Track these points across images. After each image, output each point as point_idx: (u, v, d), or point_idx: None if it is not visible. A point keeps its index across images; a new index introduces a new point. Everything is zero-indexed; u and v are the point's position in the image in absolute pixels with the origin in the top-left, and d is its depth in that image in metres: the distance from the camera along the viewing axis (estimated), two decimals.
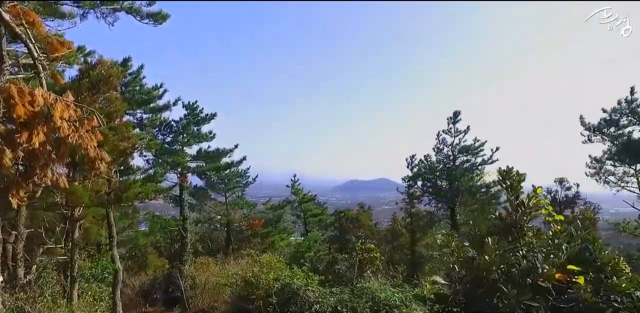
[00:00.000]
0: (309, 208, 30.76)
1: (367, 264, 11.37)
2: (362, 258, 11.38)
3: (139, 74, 15.03)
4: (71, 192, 8.96)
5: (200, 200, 28.79)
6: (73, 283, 10.40)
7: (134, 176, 12.88)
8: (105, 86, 10.88)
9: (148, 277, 22.43)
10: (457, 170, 19.76)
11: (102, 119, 6.83)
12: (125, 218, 21.54)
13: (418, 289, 9.48)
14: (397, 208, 26.26)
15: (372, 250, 11.57)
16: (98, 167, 6.52)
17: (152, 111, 15.44)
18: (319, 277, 10.25)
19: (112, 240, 14.85)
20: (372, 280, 9.88)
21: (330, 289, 9.75)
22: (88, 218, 11.14)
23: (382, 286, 9.63)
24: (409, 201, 24.88)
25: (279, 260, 11.69)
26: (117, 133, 10.98)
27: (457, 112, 20.14)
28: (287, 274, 10.36)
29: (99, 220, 16.76)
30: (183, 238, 22.06)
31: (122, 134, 11.06)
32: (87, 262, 13.11)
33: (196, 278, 19.10)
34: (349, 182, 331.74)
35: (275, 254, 17.82)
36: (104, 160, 6.58)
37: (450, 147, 20.65)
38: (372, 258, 11.36)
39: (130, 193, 10.23)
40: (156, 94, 14.80)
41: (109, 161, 6.75)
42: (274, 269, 10.82)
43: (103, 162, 6.61)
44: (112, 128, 10.73)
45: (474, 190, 19.67)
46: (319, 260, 15.11)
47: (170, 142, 21.87)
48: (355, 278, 10.80)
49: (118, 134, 10.95)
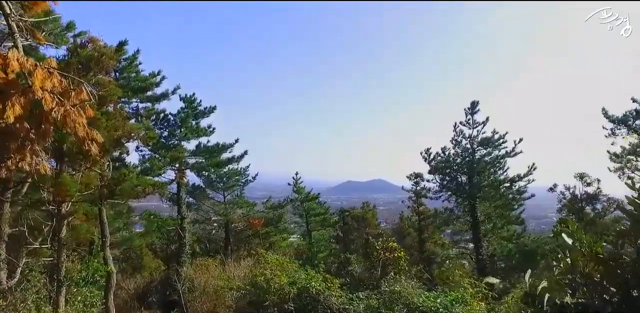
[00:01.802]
0: (311, 207, 29.63)
1: (390, 265, 10.29)
2: (385, 258, 10.27)
3: (134, 59, 13.82)
4: (57, 184, 7.78)
5: (198, 199, 27.69)
6: (60, 288, 9.22)
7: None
8: (96, 67, 9.71)
9: (144, 279, 21.36)
10: (479, 163, 18.60)
11: (94, 93, 5.67)
12: (119, 218, 20.32)
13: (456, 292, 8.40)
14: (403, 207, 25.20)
15: (395, 250, 10.46)
16: (89, 149, 5.36)
17: (149, 100, 14.25)
18: (340, 280, 9.14)
19: (105, 240, 13.64)
20: (402, 283, 8.77)
21: (355, 294, 8.63)
22: (78, 216, 9.94)
23: (415, 289, 8.54)
24: (416, 199, 23.87)
25: (291, 261, 10.56)
26: (110, 119, 9.80)
27: (476, 102, 19.02)
28: (302, 277, 9.23)
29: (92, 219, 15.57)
30: (181, 239, 20.85)
31: (116, 120, 9.89)
32: (77, 264, 11.88)
33: (195, 281, 17.96)
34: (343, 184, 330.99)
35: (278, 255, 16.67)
36: (96, 141, 5.43)
37: (469, 139, 19.51)
38: (396, 258, 10.26)
39: (125, 186, 9.06)
40: (153, 82, 13.63)
41: (101, 143, 5.59)
42: (286, 271, 9.68)
43: (94, 143, 5.46)
44: (105, 113, 9.56)
45: (497, 184, 18.53)
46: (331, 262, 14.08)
47: (167, 136, 20.67)
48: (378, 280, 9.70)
49: (111, 120, 9.78)
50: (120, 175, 9.53)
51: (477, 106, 19.22)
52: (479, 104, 19.15)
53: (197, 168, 20.98)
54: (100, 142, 5.43)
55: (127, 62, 13.48)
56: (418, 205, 22.92)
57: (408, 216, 27.53)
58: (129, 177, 9.22)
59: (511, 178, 18.65)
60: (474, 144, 19.35)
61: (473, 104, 19.11)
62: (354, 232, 25.53)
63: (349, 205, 36.78)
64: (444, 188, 19.63)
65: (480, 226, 18.56)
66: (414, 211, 23.48)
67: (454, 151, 19.60)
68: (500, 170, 18.91)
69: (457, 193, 19.42)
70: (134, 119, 14.31)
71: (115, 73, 13.58)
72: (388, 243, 10.63)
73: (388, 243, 10.55)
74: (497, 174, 19.01)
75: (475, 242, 18.54)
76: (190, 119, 20.63)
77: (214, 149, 20.22)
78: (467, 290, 8.26)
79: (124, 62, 13.46)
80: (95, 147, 5.38)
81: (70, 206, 9.76)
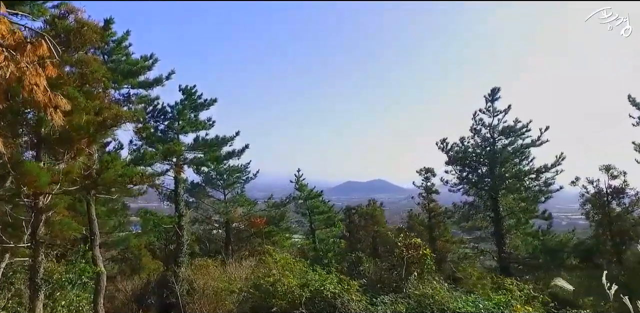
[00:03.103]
0: (315, 205, 28.49)
1: (414, 264, 9.09)
2: (408, 256, 9.07)
3: (123, 40, 12.58)
4: (25, 173, 6.62)
5: (197, 197, 26.62)
6: (36, 292, 8.05)
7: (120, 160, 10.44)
8: (77, 40, 8.55)
9: (141, 280, 20.41)
10: (502, 153, 17.29)
11: (57, 47, 4.50)
12: (113, 216, 19.18)
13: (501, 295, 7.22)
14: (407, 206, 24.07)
15: (419, 246, 9.25)
16: (51, 118, 4.20)
17: (141, 86, 13.04)
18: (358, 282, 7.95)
19: (94, 238, 12.49)
20: (434, 285, 7.57)
21: (380, 298, 7.43)
22: (58, 210, 8.76)
23: (450, 293, 7.35)
24: (426, 195, 22.69)
25: (299, 260, 9.38)
26: (93, 100, 8.63)
27: (496, 88, 17.77)
28: (314, 278, 8.04)
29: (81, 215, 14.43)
30: (179, 238, 19.68)
31: (100, 101, 8.72)
32: (62, 265, 10.73)
33: (194, 283, 16.85)
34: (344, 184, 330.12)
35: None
36: (60, 108, 4.26)
37: (489, 128, 18.22)
38: (421, 256, 9.06)
39: (108, 175, 7.90)
40: (145, 65, 12.42)
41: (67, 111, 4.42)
42: (294, 271, 8.50)
43: (58, 111, 4.29)
44: (87, 93, 8.38)
45: (522, 176, 17.22)
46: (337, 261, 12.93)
47: (164, 129, 19.49)
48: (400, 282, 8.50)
49: (94, 101, 8.61)
50: (102, 162, 8.34)
51: (497, 93, 17.90)
52: (499, 91, 17.87)
53: (195, 162, 19.80)
54: (66, 109, 4.30)
55: (115, 43, 12.29)
56: (429, 201, 21.73)
57: (416, 213, 26.39)
58: (113, 165, 8.04)
59: (537, 169, 17.33)
60: (494, 133, 18.08)
61: (493, 90, 17.78)
62: (361, 231, 24.38)
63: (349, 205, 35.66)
64: (464, 180, 18.30)
65: (502, 221, 17.28)
66: (424, 208, 22.29)
67: (473, 141, 18.34)
68: (524, 161, 17.63)
69: (478, 185, 18.08)
70: (125, 107, 13.14)
71: (103, 56, 12.41)
72: (411, 238, 9.44)
73: (411, 239, 9.37)
74: (522, 165, 17.72)
75: (498, 238, 17.25)
76: (189, 111, 19.45)
77: (213, 142, 19.04)
78: (512, 292, 7.09)
79: (112, 43, 12.29)
80: (59, 117, 4.24)
81: (50, 199, 8.57)
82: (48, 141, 8.80)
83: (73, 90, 7.61)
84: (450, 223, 20.28)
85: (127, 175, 8.08)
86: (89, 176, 8.25)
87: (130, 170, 8.16)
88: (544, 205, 17.50)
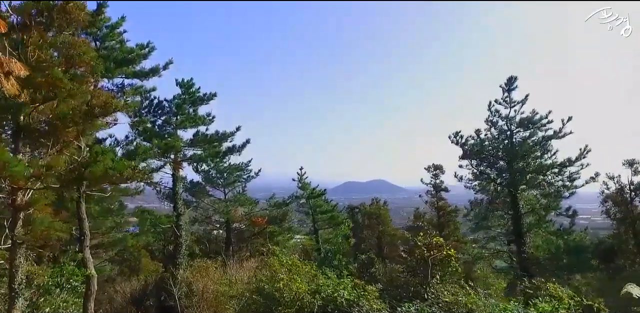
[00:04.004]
0: (318, 204, 27.61)
1: (435, 265, 8.19)
2: (432, 257, 8.17)
3: (117, 26, 11.64)
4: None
5: (197, 196, 25.76)
6: (13, 299, 7.17)
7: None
8: (62, 18, 7.68)
9: (140, 282, 19.76)
10: (522, 146, 16.28)
11: None
12: (108, 215, 18.33)
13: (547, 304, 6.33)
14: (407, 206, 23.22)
15: (441, 246, 8.36)
16: (1, 85, 3.35)
17: (136, 76, 12.15)
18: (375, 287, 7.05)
19: (84, 239, 11.62)
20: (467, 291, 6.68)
21: (404, 307, 6.51)
22: (39, 207, 7.88)
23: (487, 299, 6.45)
24: (435, 193, 21.84)
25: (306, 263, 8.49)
26: (80, 85, 7.76)
27: (513, 77, 16.79)
28: (326, 282, 7.14)
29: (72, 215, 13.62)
30: (177, 238, 18.80)
31: (87, 86, 7.85)
32: (47, 268, 9.86)
33: (193, 285, 16.02)
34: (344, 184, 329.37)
35: None
36: (13, 73, 3.42)
37: (505, 120, 17.18)
38: (443, 257, 8.15)
39: (96, 169, 7.03)
40: (141, 54, 11.53)
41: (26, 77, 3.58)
42: (301, 275, 7.61)
43: (11, 78, 3.45)
44: (73, 76, 7.51)
45: (544, 170, 16.20)
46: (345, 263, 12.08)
47: (162, 124, 18.60)
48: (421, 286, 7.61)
49: (81, 85, 7.74)
50: (91, 155, 7.47)
51: (514, 82, 16.85)
52: (516, 80, 16.82)
53: (194, 158, 18.90)
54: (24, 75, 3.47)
55: (108, 29, 11.39)
56: (438, 199, 20.85)
57: (422, 213, 25.49)
58: (102, 158, 7.17)
59: (561, 162, 16.34)
60: (512, 125, 17.09)
61: (510, 79, 16.72)
62: (365, 230, 23.55)
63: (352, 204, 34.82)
64: (481, 174, 17.28)
65: (522, 219, 16.31)
66: (432, 206, 21.41)
67: (489, 134, 17.35)
68: (546, 154, 16.61)
69: (497, 180, 17.02)
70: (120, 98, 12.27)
71: (95, 42, 11.54)
72: (431, 237, 8.55)
73: (431, 239, 8.49)
74: (543, 158, 16.73)
75: (517, 237, 16.28)
76: (187, 105, 18.55)
77: (213, 137, 18.14)
78: (561, 300, 6.21)
79: (105, 29, 11.41)
80: (13, 85, 3.42)
81: (31, 195, 7.70)
82: (29, 131, 7.94)
83: (56, 72, 6.74)
84: (466, 222, 19.27)
85: (118, 168, 7.20)
86: (75, 170, 7.37)
87: (121, 164, 7.28)
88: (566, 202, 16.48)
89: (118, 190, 17.81)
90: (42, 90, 7.22)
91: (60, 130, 8.53)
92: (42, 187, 7.74)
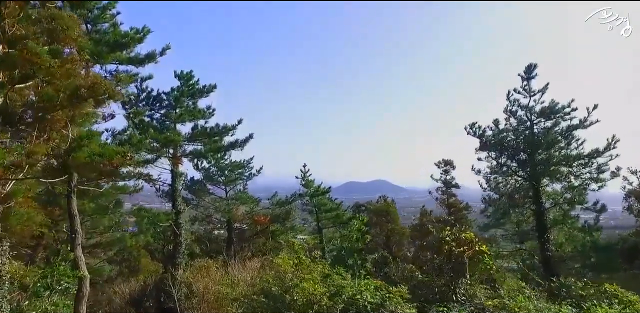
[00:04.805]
0: (322, 202, 26.77)
1: (462, 264, 7.30)
2: (464, 254, 7.29)
3: (110, 7, 10.75)
4: None
5: (197, 195, 25.00)
6: None
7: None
8: None
9: (139, 283, 19.09)
10: (547, 135, 15.33)
11: None
12: (104, 213, 17.49)
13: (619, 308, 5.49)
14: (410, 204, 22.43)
15: (471, 242, 7.46)
16: None
17: (130, 62, 11.27)
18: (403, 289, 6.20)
19: (76, 237, 10.74)
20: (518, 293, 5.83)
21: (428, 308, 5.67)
22: (23, 201, 7.05)
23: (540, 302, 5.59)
24: (445, 190, 21.00)
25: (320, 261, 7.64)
26: (64, 64, 6.92)
27: (533, 64, 15.90)
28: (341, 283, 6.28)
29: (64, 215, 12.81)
30: (176, 237, 17.98)
31: (73, 65, 7.02)
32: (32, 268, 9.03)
33: (193, 286, 15.26)
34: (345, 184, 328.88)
35: None
36: None
37: (525, 109, 16.25)
38: (476, 252, 7.25)
39: (81, 154, 6.21)
40: (136, 38, 10.67)
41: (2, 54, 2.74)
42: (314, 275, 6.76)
43: None
44: (55, 52, 6.67)
45: (570, 162, 15.24)
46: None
47: (160, 118, 17.77)
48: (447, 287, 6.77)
49: (65, 64, 6.90)
50: (75, 140, 6.63)
51: (534, 69, 15.96)
52: (536, 68, 15.91)
53: (194, 154, 18.06)
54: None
55: (100, 11, 10.53)
56: (448, 196, 20.00)
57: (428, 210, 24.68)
58: (88, 143, 6.34)
59: (588, 153, 15.41)
60: (532, 115, 16.16)
61: (529, 67, 15.77)
62: (373, 228, 22.72)
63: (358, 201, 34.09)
64: (501, 167, 16.31)
65: (545, 214, 15.39)
66: (442, 203, 20.57)
67: (509, 123, 16.41)
68: (571, 144, 15.68)
69: (518, 173, 16.06)
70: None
71: (85, 24, 10.71)
72: (460, 233, 7.66)
73: (460, 234, 7.60)
74: (569, 149, 15.83)
75: (540, 234, 15.35)
76: (186, 98, 17.70)
77: (213, 131, 17.29)
78: (633, 305, 5.37)
79: (96, 11, 10.58)
80: None
81: (10, 186, 6.88)
82: (9, 115, 7.11)
83: (33, 45, 5.91)
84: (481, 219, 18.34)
85: (106, 155, 6.36)
86: (58, 157, 6.53)
87: (110, 149, 6.44)
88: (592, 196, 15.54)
89: (116, 188, 17.04)
90: (19, 68, 6.39)
91: (46, 115, 7.72)
92: (23, 177, 6.91)
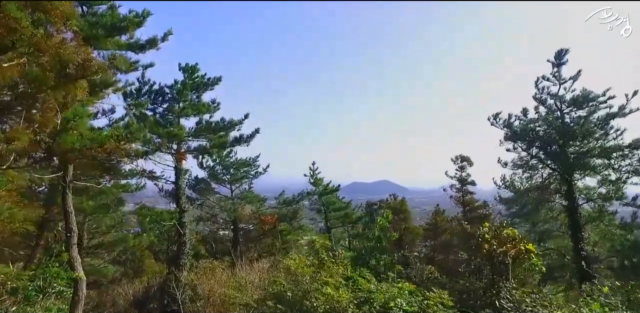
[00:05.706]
0: (331, 201, 25.93)
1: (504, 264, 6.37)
2: (508, 253, 6.36)
3: None
4: None
5: (201, 194, 24.24)
6: None
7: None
8: None
9: (143, 284, 18.48)
10: (583, 125, 14.23)
11: None
12: (105, 212, 16.74)
13: None
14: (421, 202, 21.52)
15: (514, 240, 6.48)
16: None
17: (130, 48, 10.47)
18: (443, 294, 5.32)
19: (71, 236, 9.94)
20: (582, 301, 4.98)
21: None
22: (6, 194, 6.25)
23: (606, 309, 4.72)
24: (460, 187, 20.07)
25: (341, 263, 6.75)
26: (50, 38, 6.11)
27: (564, 50, 14.79)
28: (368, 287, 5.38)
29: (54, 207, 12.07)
30: (180, 236, 17.22)
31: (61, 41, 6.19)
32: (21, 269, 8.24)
33: (197, 288, 14.49)
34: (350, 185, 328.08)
35: None
36: None
37: (555, 98, 15.15)
38: (520, 253, 6.30)
39: (69, 138, 5.41)
40: (135, 21, 9.91)
41: None
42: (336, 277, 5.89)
43: None
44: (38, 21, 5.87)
45: (608, 153, 14.12)
46: None
47: (163, 112, 17.01)
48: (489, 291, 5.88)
49: (53, 38, 6.09)
50: (61, 122, 5.81)
51: (564, 55, 14.81)
52: (567, 53, 14.75)
53: (199, 150, 17.28)
54: None
55: None
56: (464, 193, 19.07)
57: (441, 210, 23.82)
58: (74, 125, 5.53)
59: (629, 143, 14.28)
60: (563, 103, 15.11)
61: (560, 52, 14.68)
62: None
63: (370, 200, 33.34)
64: (531, 158, 15.23)
65: (579, 210, 14.34)
66: (457, 201, 19.64)
67: (538, 113, 15.35)
68: (609, 135, 14.61)
69: (550, 165, 14.93)
70: None
71: (81, 7, 9.94)
72: (501, 230, 6.70)
73: (501, 231, 6.64)
74: (606, 140, 14.79)
75: (574, 232, 14.27)
76: (190, 91, 16.93)
77: (218, 126, 16.52)
78: None
79: None
80: None
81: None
82: None
83: (10, 7, 5.09)
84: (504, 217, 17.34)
85: (97, 139, 5.54)
86: (42, 142, 5.72)
87: (100, 134, 5.63)
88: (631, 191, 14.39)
89: (117, 187, 16.33)
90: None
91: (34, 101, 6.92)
92: (5, 167, 6.10)
